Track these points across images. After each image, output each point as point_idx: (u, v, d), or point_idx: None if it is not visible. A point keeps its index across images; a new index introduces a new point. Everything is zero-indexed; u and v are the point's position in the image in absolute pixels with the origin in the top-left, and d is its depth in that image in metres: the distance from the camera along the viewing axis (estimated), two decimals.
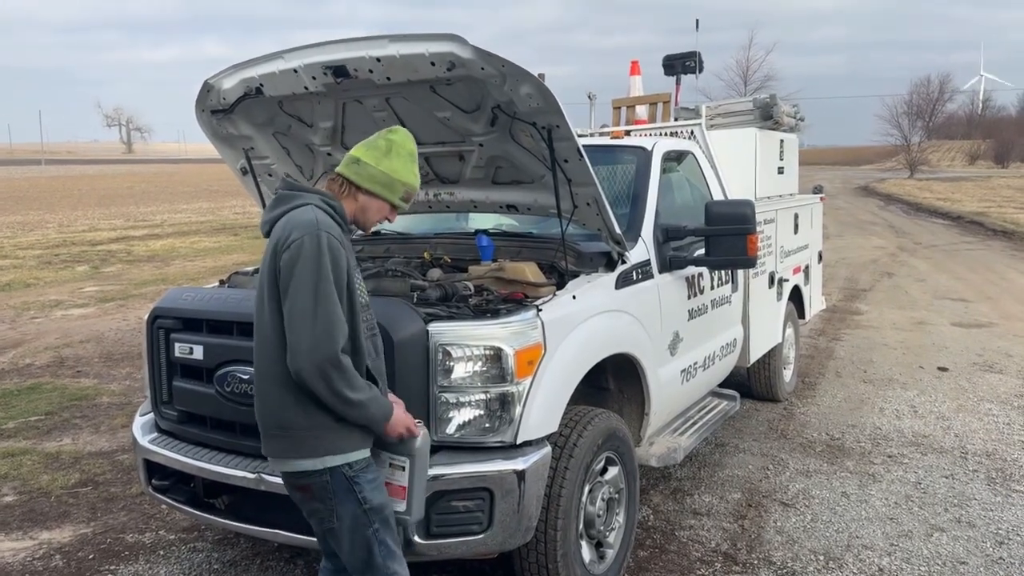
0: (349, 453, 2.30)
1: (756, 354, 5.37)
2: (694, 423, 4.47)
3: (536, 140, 3.31)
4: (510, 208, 3.95)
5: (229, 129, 3.84)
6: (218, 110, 3.72)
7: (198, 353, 3.18)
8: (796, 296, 6.29)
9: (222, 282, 3.87)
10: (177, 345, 3.25)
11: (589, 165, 3.22)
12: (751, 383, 5.98)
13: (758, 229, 4.30)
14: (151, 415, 3.53)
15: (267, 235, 2.36)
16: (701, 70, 6.60)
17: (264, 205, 4.21)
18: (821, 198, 7.11)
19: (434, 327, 2.86)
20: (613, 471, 3.40)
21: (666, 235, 4.04)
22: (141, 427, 3.53)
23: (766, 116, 5.71)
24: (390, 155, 2.46)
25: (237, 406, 3.05)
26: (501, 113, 3.30)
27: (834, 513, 4.20)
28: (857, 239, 18.11)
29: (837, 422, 5.66)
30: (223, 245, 17.31)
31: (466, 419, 2.86)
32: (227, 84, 3.58)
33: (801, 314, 6.54)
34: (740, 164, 5.39)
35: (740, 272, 4.96)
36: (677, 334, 4.07)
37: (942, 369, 7.06)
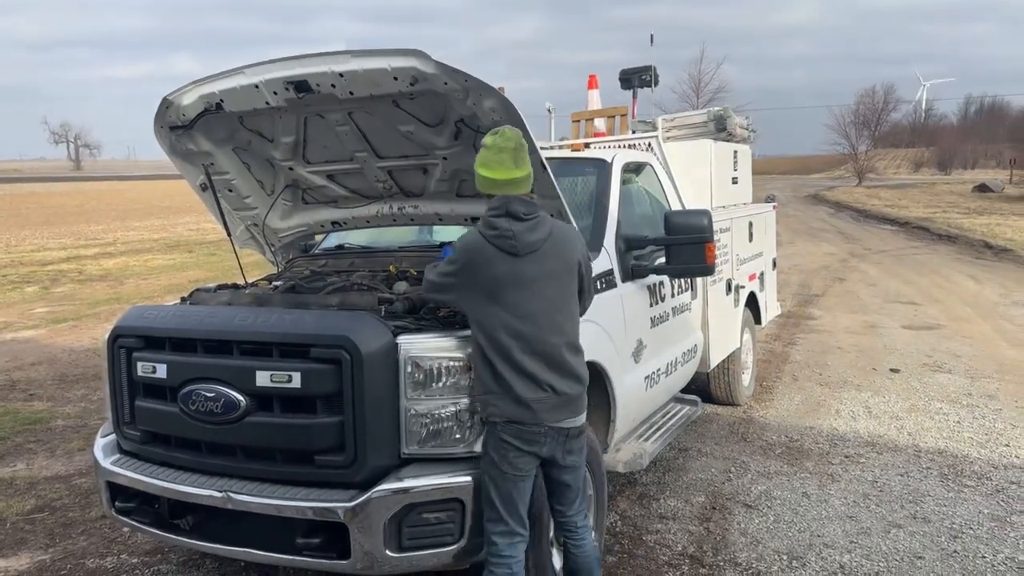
0: None
1: (716, 359, 5.48)
2: (658, 428, 4.54)
3: None
4: (475, 221, 3.98)
5: (188, 145, 3.81)
6: (177, 126, 3.69)
7: (161, 372, 3.14)
8: (752, 302, 6.44)
9: (184, 299, 3.82)
10: (140, 364, 3.21)
11: (553, 178, 3.27)
12: (711, 388, 6.09)
13: (715, 238, 4.40)
14: (112, 436, 3.46)
15: (538, 250, 2.82)
16: (656, 83, 6.72)
17: (224, 222, 4.18)
18: (774, 207, 7.30)
19: (403, 339, 2.88)
20: None
21: (628, 245, 4.11)
22: (102, 448, 3.46)
23: (720, 128, 5.85)
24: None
25: (202, 424, 3.03)
26: (464, 127, 3.34)
27: (795, 513, 4.30)
28: (809, 246, 18.55)
29: (795, 424, 5.80)
30: (178, 262, 16.99)
31: (436, 430, 2.88)
32: (187, 100, 3.56)
33: (757, 320, 6.68)
34: (696, 175, 5.51)
35: (699, 280, 5.07)
36: (640, 341, 4.14)
37: (894, 371, 7.27)
